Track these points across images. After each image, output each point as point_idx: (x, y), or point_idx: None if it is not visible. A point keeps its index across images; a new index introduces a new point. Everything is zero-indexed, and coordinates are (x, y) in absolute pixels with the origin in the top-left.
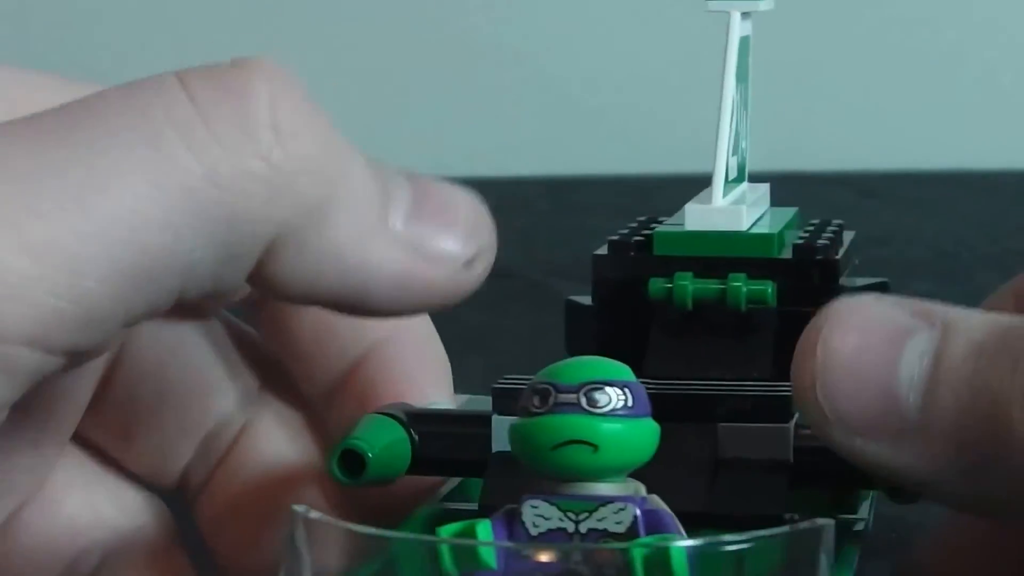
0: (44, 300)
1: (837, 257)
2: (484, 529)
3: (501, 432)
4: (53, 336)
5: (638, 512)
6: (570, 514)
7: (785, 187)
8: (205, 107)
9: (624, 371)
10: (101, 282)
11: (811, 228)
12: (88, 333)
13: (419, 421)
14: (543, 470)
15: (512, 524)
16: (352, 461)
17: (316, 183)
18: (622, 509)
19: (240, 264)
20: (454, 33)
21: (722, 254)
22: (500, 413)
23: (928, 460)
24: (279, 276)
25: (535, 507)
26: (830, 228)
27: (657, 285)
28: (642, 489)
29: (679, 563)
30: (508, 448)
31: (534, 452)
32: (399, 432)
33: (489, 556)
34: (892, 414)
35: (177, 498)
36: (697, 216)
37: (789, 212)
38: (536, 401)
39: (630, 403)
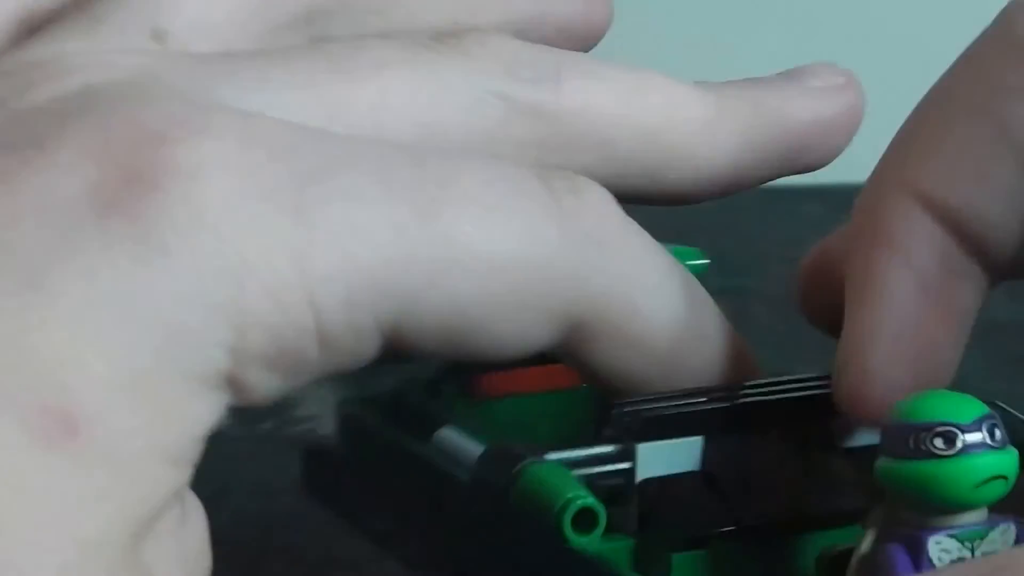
0: None
1: None
2: None
3: (647, 460)
4: None
5: (1019, 531)
6: (967, 543)
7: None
8: None
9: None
10: None
11: None
12: None
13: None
14: (956, 505)
15: (919, 560)
16: (585, 519)
17: None
18: (1007, 530)
19: None
20: None
21: None
22: (644, 440)
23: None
24: None
25: (938, 542)
26: None
27: None
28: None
29: None
30: (654, 475)
31: (953, 491)
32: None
33: None
34: None
35: None
36: None
37: None
38: (940, 443)
39: (1004, 433)
